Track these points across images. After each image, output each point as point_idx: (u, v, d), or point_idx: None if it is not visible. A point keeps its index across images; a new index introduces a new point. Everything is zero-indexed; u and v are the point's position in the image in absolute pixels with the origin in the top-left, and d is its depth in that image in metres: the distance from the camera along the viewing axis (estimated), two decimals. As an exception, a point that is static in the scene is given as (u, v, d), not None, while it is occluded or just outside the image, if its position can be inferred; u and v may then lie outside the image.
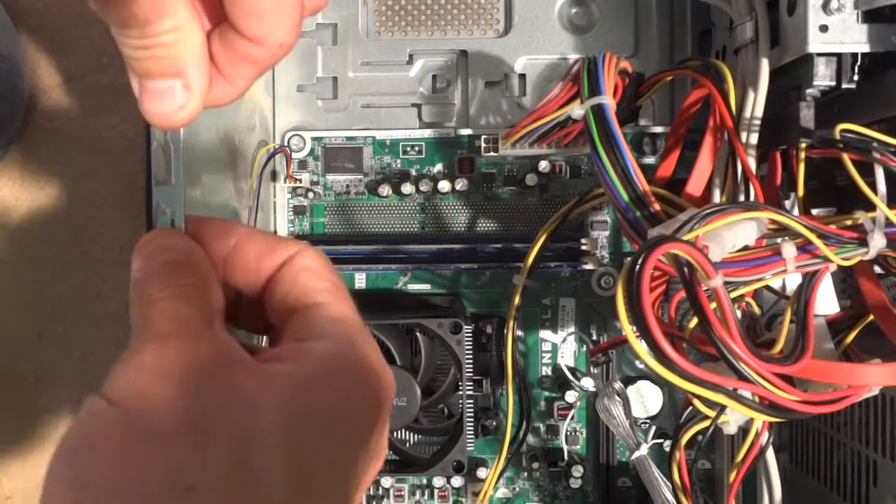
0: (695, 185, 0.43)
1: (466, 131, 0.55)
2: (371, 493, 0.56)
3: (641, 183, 0.40)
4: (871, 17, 0.40)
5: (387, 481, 0.56)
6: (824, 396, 0.37)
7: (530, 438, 0.56)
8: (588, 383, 0.54)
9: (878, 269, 0.40)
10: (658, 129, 0.54)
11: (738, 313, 0.41)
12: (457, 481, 0.55)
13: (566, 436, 0.56)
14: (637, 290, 0.33)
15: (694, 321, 0.39)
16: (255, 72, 0.29)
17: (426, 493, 0.56)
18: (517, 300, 0.50)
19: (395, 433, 0.53)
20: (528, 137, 0.49)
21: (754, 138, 0.42)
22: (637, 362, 0.56)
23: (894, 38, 0.40)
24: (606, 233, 0.55)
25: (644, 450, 0.50)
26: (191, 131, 0.35)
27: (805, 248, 0.37)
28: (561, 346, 0.56)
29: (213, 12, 0.28)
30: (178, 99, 0.27)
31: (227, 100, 0.29)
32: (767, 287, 0.43)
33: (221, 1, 0.27)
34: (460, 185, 0.54)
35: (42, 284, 0.62)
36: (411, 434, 0.55)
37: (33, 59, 0.61)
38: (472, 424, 0.52)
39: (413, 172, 0.56)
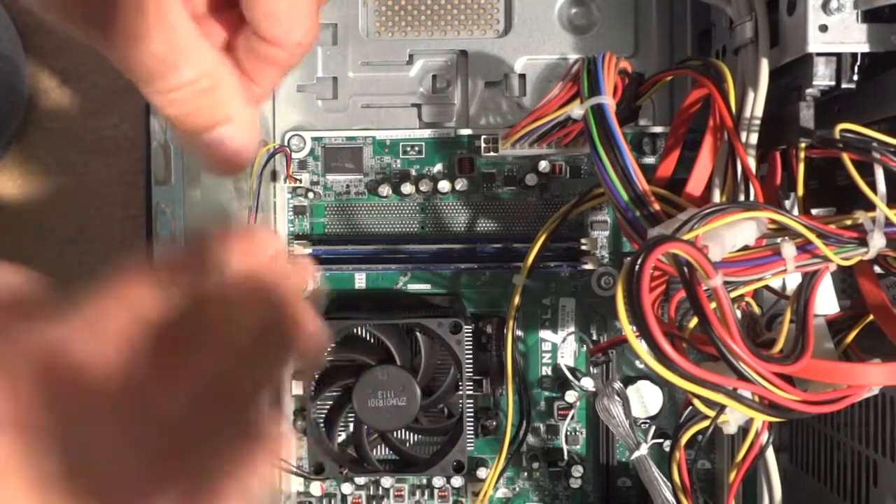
0: (695, 185, 0.43)
1: (466, 131, 0.55)
2: (371, 492, 0.56)
3: (641, 183, 0.40)
4: (870, 17, 0.40)
5: (387, 481, 0.55)
6: (824, 396, 0.37)
7: (530, 438, 0.56)
8: (588, 383, 0.54)
9: (878, 269, 0.40)
10: (658, 129, 0.54)
11: (738, 313, 0.41)
12: (457, 481, 0.55)
13: (566, 436, 0.56)
14: (637, 290, 0.33)
15: (694, 321, 0.39)
16: (279, 73, 0.30)
17: (426, 493, 0.56)
18: (517, 300, 0.50)
19: (395, 433, 0.53)
20: (527, 137, 0.49)
21: (754, 138, 0.42)
22: (637, 362, 0.56)
23: (894, 38, 0.40)
24: (606, 233, 0.55)
25: (644, 450, 0.50)
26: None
27: (805, 247, 0.37)
28: (561, 346, 0.56)
29: (233, 20, 0.28)
30: (235, 141, 0.28)
31: (256, 101, 0.30)
32: (767, 287, 0.43)
33: (239, 8, 0.28)
34: (460, 185, 0.54)
35: (42, 284, 0.62)
36: (411, 434, 0.55)
37: (33, 59, 0.61)
38: (472, 424, 0.52)
39: (413, 172, 0.55)
